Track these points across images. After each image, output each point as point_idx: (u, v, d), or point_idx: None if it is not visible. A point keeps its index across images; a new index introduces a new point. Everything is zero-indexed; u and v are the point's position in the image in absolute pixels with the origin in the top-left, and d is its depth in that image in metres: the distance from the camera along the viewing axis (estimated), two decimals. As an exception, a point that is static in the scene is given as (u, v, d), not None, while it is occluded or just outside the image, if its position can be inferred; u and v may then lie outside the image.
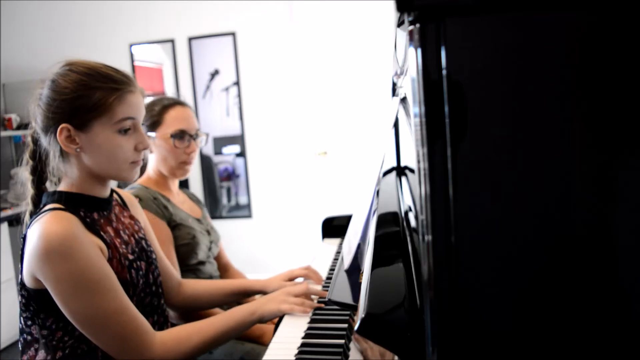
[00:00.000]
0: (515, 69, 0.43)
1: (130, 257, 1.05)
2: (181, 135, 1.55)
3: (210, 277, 1.61)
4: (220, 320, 1.06)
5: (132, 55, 3.73)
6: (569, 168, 0.43)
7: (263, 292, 1.32)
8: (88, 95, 0.97)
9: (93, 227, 0.99)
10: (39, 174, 1.05)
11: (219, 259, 1.75)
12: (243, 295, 1.36)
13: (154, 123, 1.56)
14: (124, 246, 1.05)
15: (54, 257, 0.89)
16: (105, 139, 0.99)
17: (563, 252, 0.43)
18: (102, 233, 1.00)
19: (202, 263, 1.58)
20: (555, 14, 0.42)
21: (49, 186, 1.07)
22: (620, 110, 0.42)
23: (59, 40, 3.76)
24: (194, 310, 1.39)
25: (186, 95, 3.62)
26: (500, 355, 0.45)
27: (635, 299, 0.43)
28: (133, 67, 3.74)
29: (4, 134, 3.54)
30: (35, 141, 1.04)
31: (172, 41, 3.65)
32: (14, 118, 3.59)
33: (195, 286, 1.34)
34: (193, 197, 1.76)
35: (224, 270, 1.77)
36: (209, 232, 1.65)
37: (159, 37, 3.67)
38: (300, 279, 1.36)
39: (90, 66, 1.00)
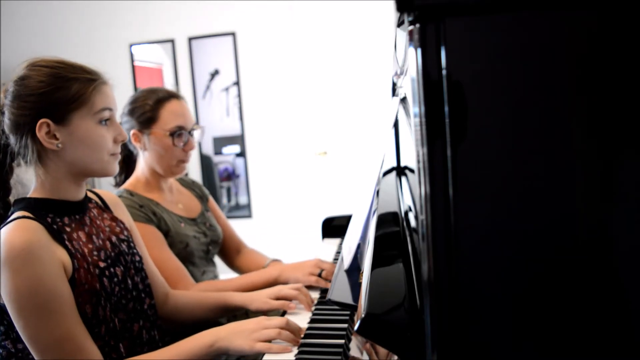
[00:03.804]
0: (515, 69, 0.43)
1: (102, 264, 0.99)
2: (180, 132, 1.41)
3: (215, 277, 1.56)
4: (169, 355, 0.96)
5: (132, 55, 3.73)
6: (569, 168, 0.43)
7: (244, 308, 1.19)
8: (66, 87, 0.94)
9: (59, 236, 0.93)
10: (4, 177, 0.99)
11: (228, 243, 1.64)
12: (224, 311, 1.21)
13: (148, 119, 1.41)
14: (95, 253, 0.99)
15: (6, 270, 0.85)
16: (87, 131, 0.95)
17: (563, 252, 0.43)
18: (68, 242, 0.94)
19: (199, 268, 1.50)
20: (555, 13, 0.42)
21: (15, 191, 1.01)
22: (620, 111, 0.42)
23: (59, 40, 3.76)
24: (177, 324, 1.25)
25: (186, 96, 3.61)
26: (499, 355, 0.45)
27: (636, 301, 0.43)
28: (133, 67, 3.74)
29: (4, 134, 3.53)
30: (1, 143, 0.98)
31: (172, 41, 3.65)
32: (14, 118, 3.59)
33: (177, 299, 1.23)
34: (194, 187, 1.63)
35: (236, 252, 1.66)
36: (205, 234, 1.52)
37: (159, 37, 3.67)
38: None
39: (59, 60, 0.97)
